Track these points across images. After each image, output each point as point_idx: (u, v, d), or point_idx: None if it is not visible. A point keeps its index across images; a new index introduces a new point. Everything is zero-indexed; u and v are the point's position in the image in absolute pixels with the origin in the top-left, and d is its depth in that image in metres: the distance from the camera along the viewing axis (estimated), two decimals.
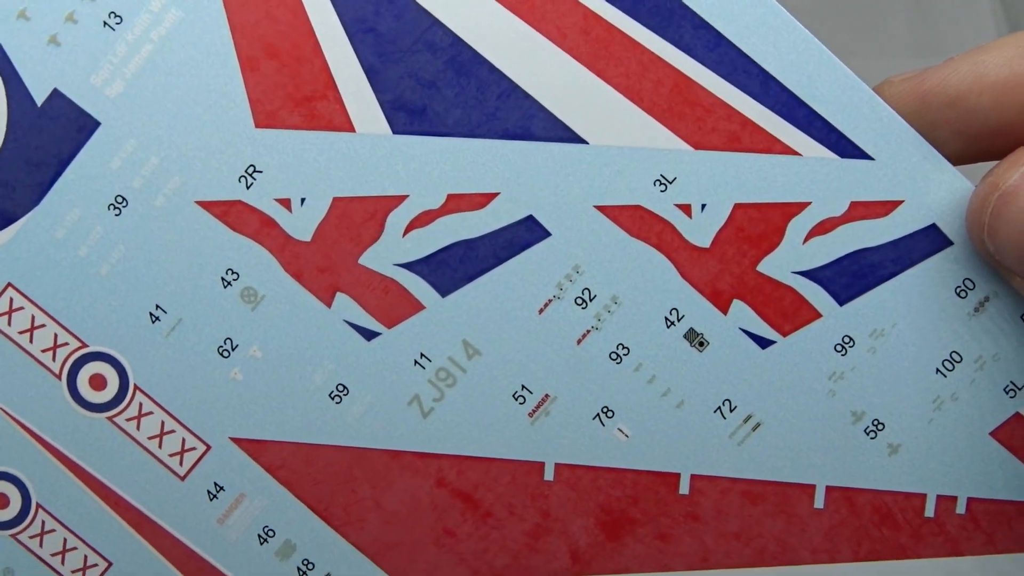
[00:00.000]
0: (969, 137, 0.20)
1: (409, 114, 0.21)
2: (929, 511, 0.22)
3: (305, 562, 0.22)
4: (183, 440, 0.21)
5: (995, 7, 0.37)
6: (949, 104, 0.20)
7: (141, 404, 0.21)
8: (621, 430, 0.21)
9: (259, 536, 0.22)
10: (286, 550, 0.22)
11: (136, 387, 0.21)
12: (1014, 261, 0.19)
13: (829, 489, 0.21)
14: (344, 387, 0.21)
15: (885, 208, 0.21)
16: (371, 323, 0.21)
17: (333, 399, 0.21)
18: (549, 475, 0.22)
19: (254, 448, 0.21)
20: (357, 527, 0.22)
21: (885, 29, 0.36)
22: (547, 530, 0.22)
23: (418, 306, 0.21)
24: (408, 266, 0.21)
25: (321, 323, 0.21)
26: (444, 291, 0.21)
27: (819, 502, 0.21)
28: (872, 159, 0.20)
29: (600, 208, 0.21)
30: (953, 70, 0.19)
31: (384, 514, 0.22)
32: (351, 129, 0.21)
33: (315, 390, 0.21)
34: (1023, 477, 0.22)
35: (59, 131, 0.21)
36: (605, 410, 0.21)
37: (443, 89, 0.21)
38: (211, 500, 0.22)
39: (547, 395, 0.21)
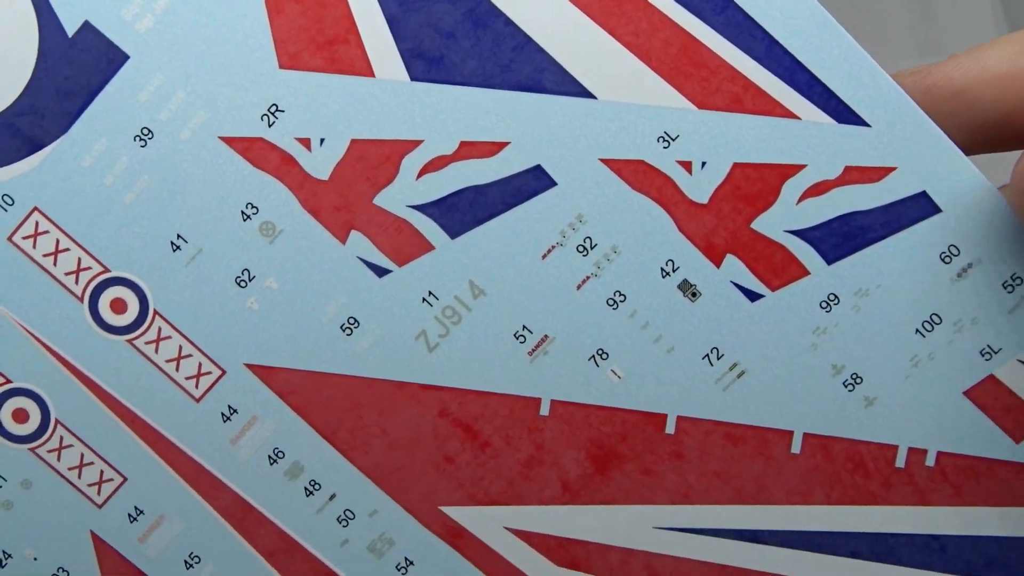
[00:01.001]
0: (972, 128, 0.21)
1: (427, 62, 0.22)
2: (900, 462, 0.24)
3: (312, 483, 0.24)
4: (199, 364, 0.23)
5: (995, 7, 0.38)
6: (952, 97, 0.21)
7: (160, 328, 0.23)
8: (614, 371, 0.23)
9: (269, 457, 0.24)
10: (294, 471, 0.24)
11: (156, 312, 0.23)
12: None
13: (806, 436, 0.23)
14: (355, 320, 0.23)
15: (878, 174, 0.22)
16: (383, 260, 0.23)
17: (344, 331, 0.23)
18: (545, 410, 0.23)
19: (267, 374, 0.23)
20: (362, 451, 0.24)
21: (886, 29, 0.37)
22: (540, 461, 0.24)
23: (428, 246, 0.23)
24: (420, 208, 0.23)
25: (335, 259, 0.23)
26: (453, 233, 0.23)
27: (796, 447, 0.23)
28: (869, 126, 0.22)
29: (605, 161, 0.23)
30: (956, 65, 0.21)
31: (388, 440, 0.24)
32: (371, 74, 0.22)
33: (327, 322, 0.23)
34: (993, 435, 0.24)
35: (89, 62, 0.22)
36: (600, 352, 0.23)
37: (460, 39, 0.22)
38: (224, 422, 0.23)
39: (546, 336, 0.23)
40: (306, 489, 0.24)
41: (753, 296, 0.23)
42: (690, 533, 0.24)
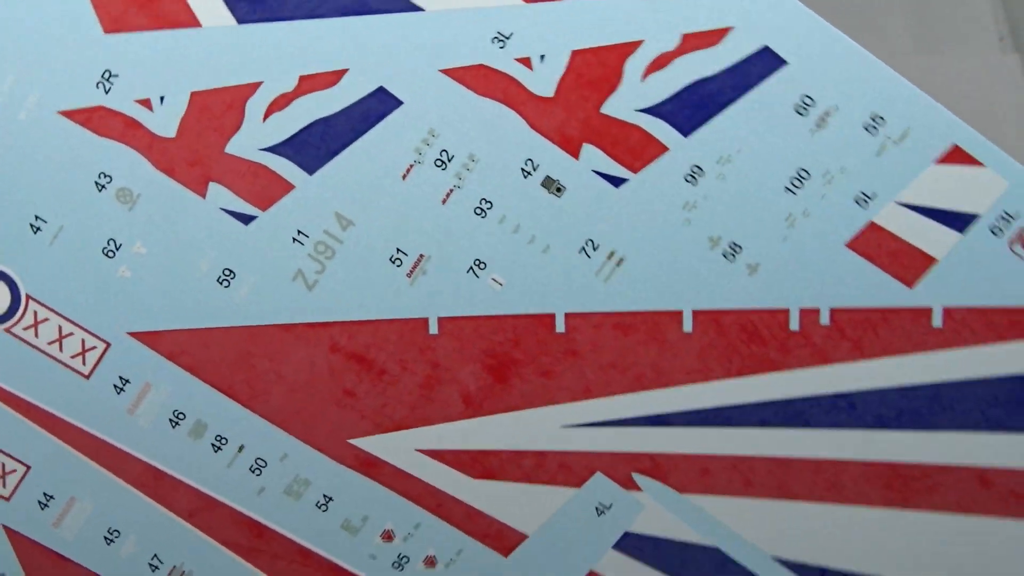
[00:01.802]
0: None
1: (251, 2, 0.23)
2: (794, 325, 0.24)
3: (218, 438, 0.25)
4: (83, 341, 0.24)
5: (995, 7, 0.38)
6: None
7: (36, 312, 0.24)
8: (495, 279, 0.24)
9: (170, 420, 0.24)
10: (198, 429, 0.25)
11: (28, 296, 0.24)
12: None
13: (696, 313, 0.24)
14: (230, 271, 0.24)
15: (716, 36, 0.23)
16: (246, 207, 0.24)
17: (221, 283, 0.24)
18: (434, 329, 0.24)
19: (152, 339, 0.24)
20: (262, 400, 0.24)
21: (885, 29, 0.37)
22: (438, 380, 0.24)
23: (288, 186, 0.23)
24: (273, 149, 0.23)
25: (198, 213, 0.23)
26: (310, 169, 0.23)
27: (687, 326, 0.24)
28: None
29: (445, 71, 0.23)
30: None
31: (286, 384, 0.24)
32: (197, 24, 0.23)
33: (202, 277, 0.24)
34: (884, 283, 0.24)
35: None
36: (477, 263, 0.24)
37: None
38: (119, 393, 0.24)
39: (422, 255, 0.24)
40: (213, 445, 0.25)
41: (617, 181, 0.24)
42: (597, 427, 0.25)
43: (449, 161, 0.24)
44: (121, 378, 0.25)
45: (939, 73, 0.37)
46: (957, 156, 0.24)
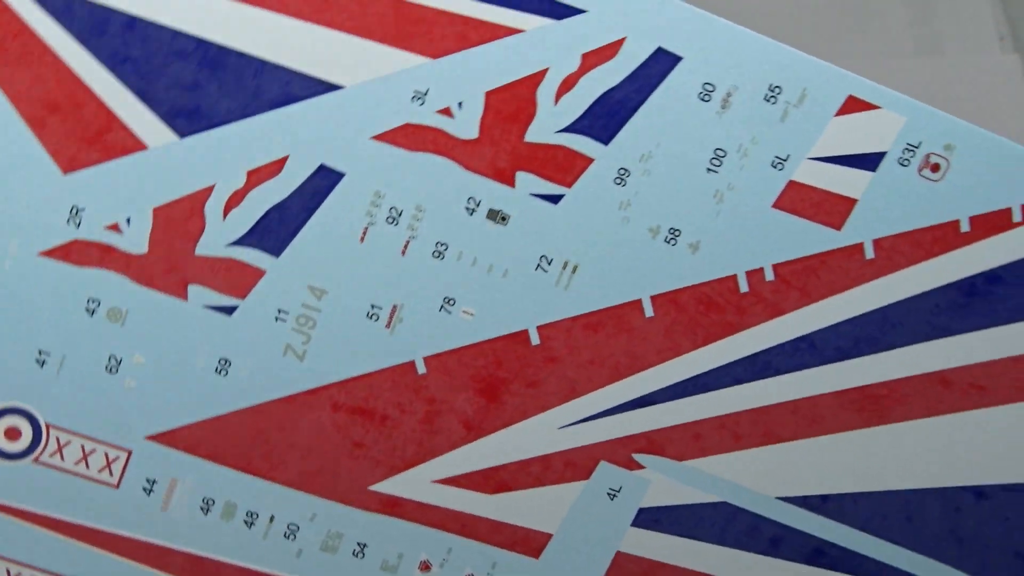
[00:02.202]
0: None
1: (186, 117, 0.25)
2: (743, 287, 0.27)
3: (249, 514, 0.27)
4: (106, 454, 0.26)
5: (995, 7, 0.39)
6: None
7: (58, 437, 0.26)
8: (465, 311, 0.26)
9: (201, 508, 0.27)
10: (229, 510, 0.27)
11: (48, 425, 0.26)
12: None
13: (653, 298, 0.26)
14: (225, 360, 0.26)
15: (612, 49, 0.25)
16: (226, 300, 0.26)
17: (219, 373, 0.26)
18: (422, 369, 0.26)
19: (169, 438, 0.26)
20: (281, 469, 0.27)
21: (885, 29, 0.37)
22: (436, 413, 0.27)
23: (259, 272, 0.26)
24: (238, 242, 0.26)
25: (184, 315, 0.26)
26: (276, 252, 0.26)
27: (649, 311, 0.26)
28: (585, 11, 0.25)
29: (376, 137, 0.25)
30: None
31: (299, 450, 0.27)
32: (144, 147, 0.25)
33: (201, 371, 0.26)
34: (813, 232, 0.27)
35: None
36: (447, 300, 0.26)
37: (206, 86, 0.25)
38: (149, 495, 0.27)
39: (395, 305, 0.26)
40: (246, 522, 0.27)
41: (555, 199, 0.26)
42: (591, 420, 0.28)
43: (399, 216, 0.26)
44: (148, 480, 0.27)
45: (939, 73, 0.38)
46: (854, 105, 0.27)
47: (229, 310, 0.27)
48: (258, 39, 0.26)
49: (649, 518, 0.29)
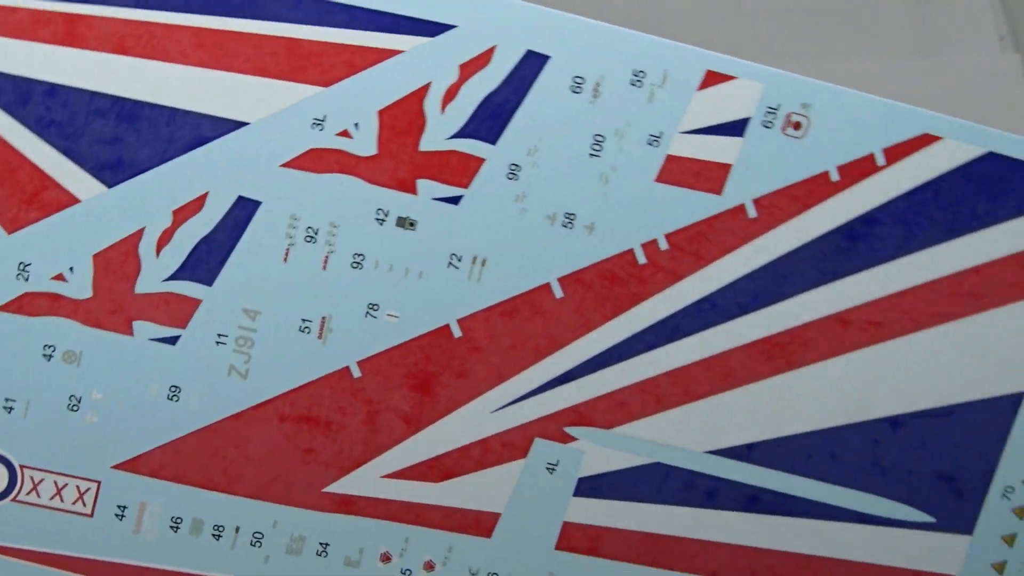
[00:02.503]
0: None
1: (112, 169, 0.27)
2: (641, 259, 0.28)
3: (216, 527, 0.28)
4: (77, 487, 0.28)
5: (995, 7, 0.40)
6: None
7: (32, 476, 0.28)
8: (390, 314, 0.28)
9: (171, 527, 0.28)
10: (196, 526, 0.28)
11: (22, 467, 0.28)
12: None
13: (560, 280, 0.28)
14: (176, 387, 0.28)
15: (486, 58, 0.27)
16: (169, 331, 0.28)
17: (172, 399, 0.28)
18: (357, 373, 0.28)
19: (133, 465, 0.28)
20: (240, 482, 0.28)
21: (885, 29, 0.38)
22: (376, 412, 0.28)
23: (196, 302, 0.28)
24: (172, 277, 0.28)
25: (132, 349, 0.28)
26: (209, 281, 0.28)
27: (558, 292, 0.28)
28: (456, 26, 0.27)
29: (285, 165, 0.27)
30: None
31: (254, 462, 0.28)
32: (77, 200, 0.27)
33: (155, 399, 0.28)
34: (697, 199, 0.29)
35: None
36: (371, 306, 0.28)
37: (125, 139, 0.27)
38: (121, 520, 0.28)
39: (324, 317, 0.28)
40: (214, 535, 0.29)
41: (455, 200, 0.28)
42: (520, 401, 0.29)
43: (316, 234, 0.28)
44: (119, 506, 0.29)
45: (939, 73, 0.38)
46: (713, 79, 0.28)
47: (173, 340, 0.29)
48: (167, 90, 0.28)
49: (589, 487, 0.31)
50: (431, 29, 0.28)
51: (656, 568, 0.31)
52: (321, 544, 0.30)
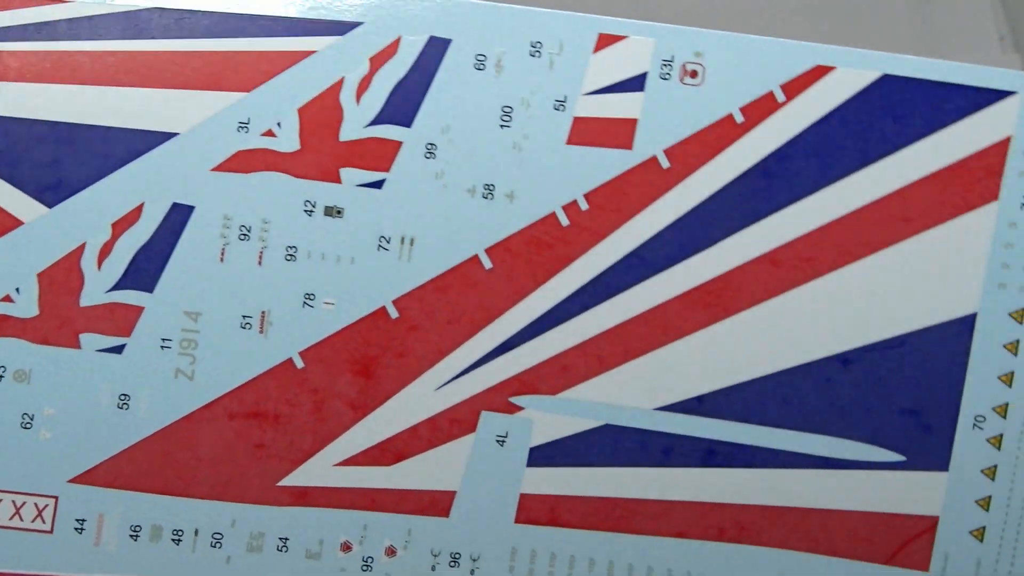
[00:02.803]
0: None
1: (52, 190, 0.28)
2: (564, 221, 0.28)
3: (175, 531, 0.28)
4: (35, 504, 0.28)
5: (995, 7, 0.40)
6: None
7: None
8: (327, 303, 0.28)
9: (131, 536, 0.28)
10: (156, 533, 0.28)
11: None
12: None
13: (488, 251, 0.28)
14: (125, 395, 0.28)
15: (393, 48, 0.28)
16: (115, 341, 0.28)
17: (122, 408, 0.28)
18: (300, 363, 0.28)
19: (88, 477, 0.28)
20: (195, 484, 0.28)
21: (885, 29, 0.37)
22: (322, 401, 0.28)
23: (139, 309, 0.28)
24: (115, 287, 0.28)
25: (80, 362, 0.28)
26: (150, 288, 0.28)
27: (487, 264, 0.28)
28: (362, 23, 0.28)
29: (215, 169, 0.28)
30: None
31: (207, 463, 0.28)
32: (20, 223, 0.28)
33: (106, 409, 0.28)
34: (611, 156, 0.29)
35: None
36: (308, 296, 0.28)
37: (64, 160, 0.28)
38: (80, 534, 0.28)
39: (263, 312, 0.28)
40: (173, 540, 0.28)
41: (379, 184, 0.29)
42: (462, 376, 0.29)
43: (249, 231, 0.29)
44: (78, 520, 0.28)
45: None
46: (606, 40, 0.29)
47: (119, 349, 0.29)
48: (100, 112, 0.29)
49: (542, 456, 0.29)
50: (339, 28, 0.29)
51: (619, 532, 0.29)
52: (281, 539, 0.29)
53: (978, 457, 0.29)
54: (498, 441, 0.29)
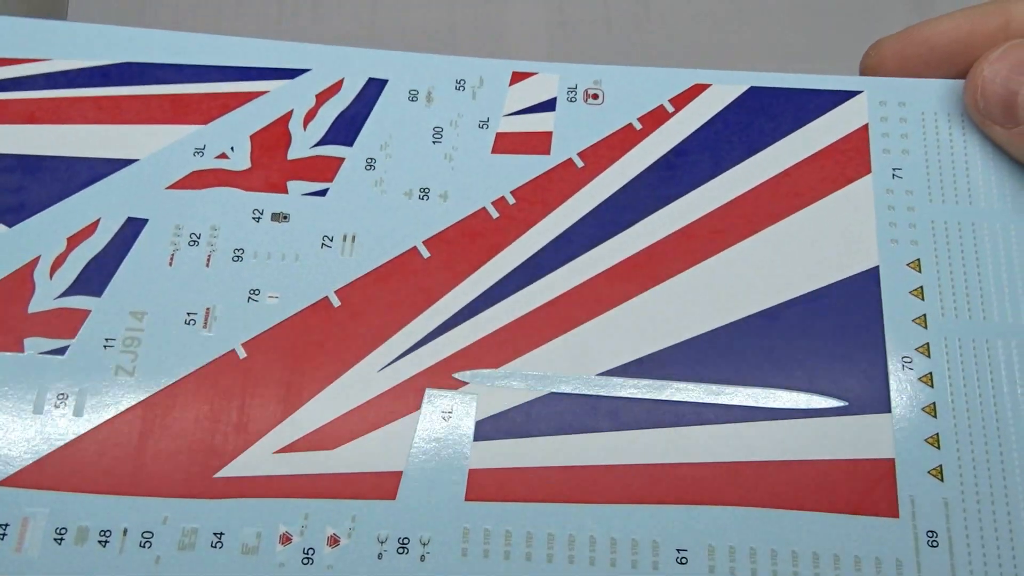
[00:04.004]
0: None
1: (14, 212, 0.27)
2: (494, 214, 0.28)
3: (102, 532, 0.23)
4: None
5: None
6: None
7: None
8: (271, 296, 0.26)
9: (55, 540, 0.23)
10: (81, 535, 0.23)
11: None
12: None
13: (425, 242, 0.27)
14: (63, 394, 0.25)
15: (337, 87, 0.29)
16: (58, 343, 0.25)
17: (58, 407, 0.24)
18: (242, 354, 0.26)
19: (16, 480, 0.24)
20: (128, 482, 0.24)
21: (885, 29, 0.36)
22: (264, 388, 0.25)
23: (86, 311, 0.26)
24: (64, 294, 0.26)
25: (23, 365, 0.25)
26: (99, 293, 0.26)
27: (425, 253, 0.27)
28: (309, 69, 0.29)
29: (170, 186, 0.27)
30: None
31: (139, 460, 0.24)
32: None
33: (42, 409, 0.24)
34: (531, 161, 0.29)
35: None
36: (252, 291, 0.26)
37: (29, 186, 0.27)
38: (2, 540, 0.23)
39: (208, 308, 0.26)
40: (100, 541, 0.23)
41: (322, 192, 0.28)
42: (404, 356, 0.26)
43: (199, 238, 0.27)
44: (1, 525, 0.23)
45: None
46: (518, 76, 0.30)
47: (62, 350, 0.26)
48: (67, 144, 0.28)
49: (489, 428, 0.26)
50: (290, 73, 0.30)
51: (576, 503, 0.25)
52: (215, 535, 0.24)
53: (915, 396, 0.26)
54: (443, 417, 0.26)
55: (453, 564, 0.24)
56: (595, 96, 0.30)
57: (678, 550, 0.24)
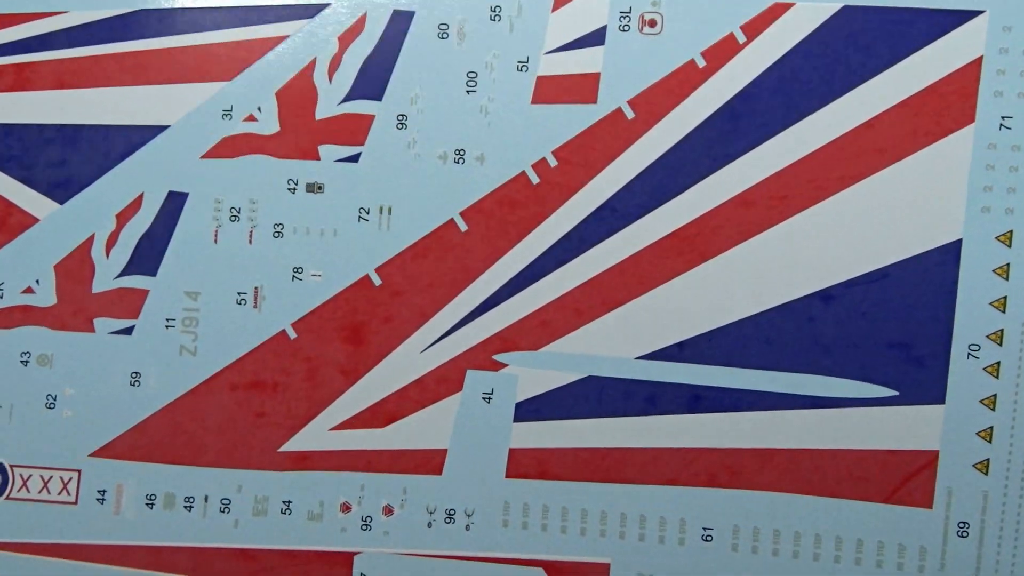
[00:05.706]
0: None
1: (62, 187, 0.23)
2: (534, 179, 0.23)
3: (187, 499, 0.23)
4: (61, 478, 0.23)
5: None
6: None
7: (21, 474, 0.23)
8: (314, 274, 0.23)
9: (147, 504, 0.23)
10: (169, 501, 0.23)
11: (11, 466, 0.23)
12: None
13: (462, 214, 0.23)
14: (136, 373, 0.23)
15: (360, 25, 0.24)
16: (125, 323, 0.23)
17: (134, 385, 0.23)
18: (293, 334, 0.23)
19: (107, 450, 0.23)
20: (202, 453, 0.23)
21: None
22: (316, 368, 0.23)
23: (144, 292, 0.23)
24: (122, 273, 0.23)
25: (95, 345, 0.23)
26: (153, 272, 0.23)
27: (463, 226, 0.22)
28: (329, 4, 0.22)
29: (205, 156, 0.23)
30: None
31: (213, 433, 0.23)
32: (36, 220, 0.23)
33: (119, 388, 0.23)
34: (577, 111, 0.23)
35: None
36: (296, 270, 0.23)
37: (71, 159, 0.23)
38: (102, 504, 0.23)
39: (256, 287, 0.23)
40: (185, 507, 0.23)
41: (355, 158, 0.23)
42: (446, 337, 0.23)
43: (239, 213, 0.23)
44: (99, 491, 0.23)
45: None
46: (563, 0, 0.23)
47: (129, 330, 0.24)
48: (100, 112, 0.24)
49: (529, 410, 0.23)
50: (308, 11, 0.23)
51: (610, 483, 0.23)
52: (284, 503, 0.23)
53: (975, 387, 0.22)
54: (484, 398, 0.23)
55: (495, 534, 0.23)
56: (652, 23, 0.22)
57: (704, 528, 0.22)
